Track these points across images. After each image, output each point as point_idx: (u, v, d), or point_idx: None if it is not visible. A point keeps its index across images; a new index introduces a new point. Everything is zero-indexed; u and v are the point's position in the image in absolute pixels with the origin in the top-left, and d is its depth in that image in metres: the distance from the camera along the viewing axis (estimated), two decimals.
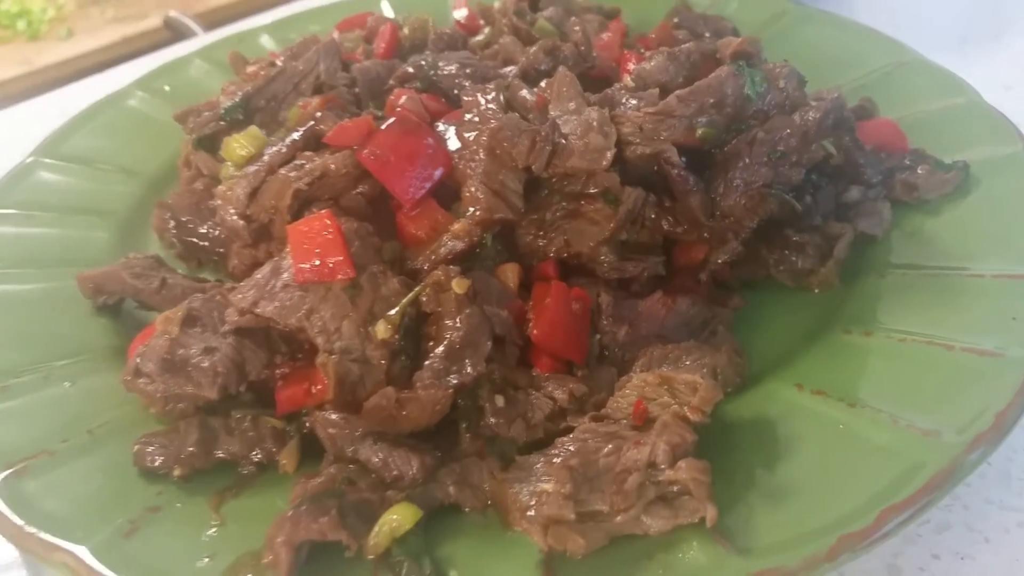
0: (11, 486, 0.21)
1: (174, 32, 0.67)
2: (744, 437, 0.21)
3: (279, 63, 0.33)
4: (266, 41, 0.40)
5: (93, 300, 0.27)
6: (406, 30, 0.35)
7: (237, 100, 0.30)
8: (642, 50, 0.31)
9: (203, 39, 0.57)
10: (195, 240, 0.27)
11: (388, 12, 0.44)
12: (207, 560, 0.19)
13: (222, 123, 0.30)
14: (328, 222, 0.23)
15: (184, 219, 0.27)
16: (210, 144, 0.31)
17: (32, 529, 0.20)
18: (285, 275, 0.22)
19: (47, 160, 0.33)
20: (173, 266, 0.30)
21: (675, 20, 0.35)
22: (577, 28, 0.33)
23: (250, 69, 0.33)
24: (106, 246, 0.30)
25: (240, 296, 0.22)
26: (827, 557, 0.18)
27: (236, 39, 0.41)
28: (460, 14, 0.37)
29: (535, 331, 0.23)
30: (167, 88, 0.38)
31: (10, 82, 0.93)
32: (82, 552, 0.19)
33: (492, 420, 0.21)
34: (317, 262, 0.22)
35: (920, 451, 0.20)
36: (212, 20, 0.86)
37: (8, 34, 0.95)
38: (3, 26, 0.95)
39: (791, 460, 0.21)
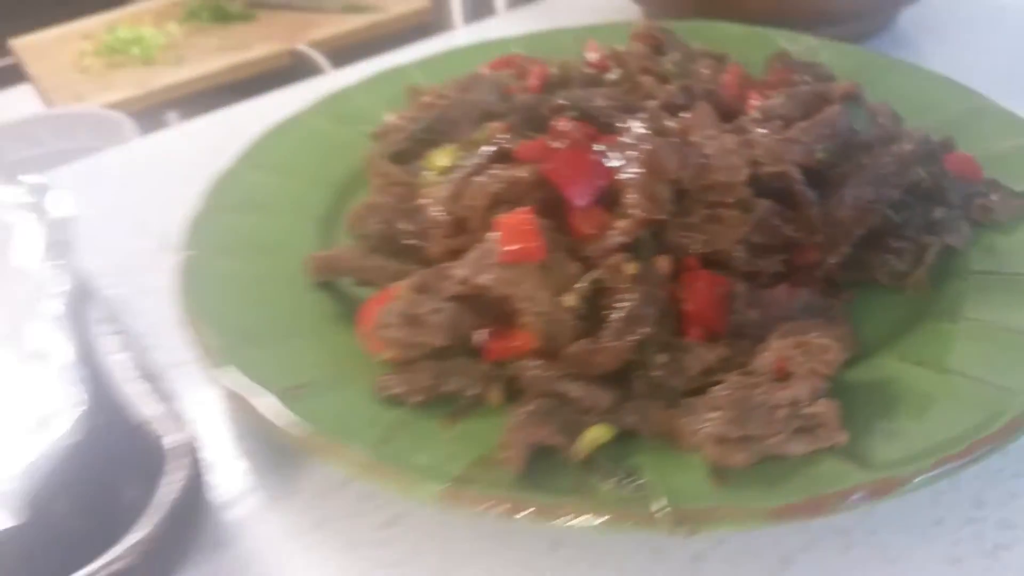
0: (287, 398, 0.27)
1: (301, 63, 0.75)
2: (860, 394, 0.27)
3: (449, 95, 0.40)
4: (416, 76, 0.47)
5: (316, 277, 0.33)
6: (554, 69, 0.41)
7: (423, 124, 0.37)
8: (761, 91, 0.37)
9: (333, 73, 0.64)
10: (396, 234, 0.34)
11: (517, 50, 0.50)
12: (449, 462, 0.25)
13: (410, 142, 0.37)
14: (529, 216, 0.29)
15: (388, 216, 0.34)
16: (399, 158, 0.37)
17: (311, 432, 0.26)
18: (493, 256, 0.29)
19: (251, 165, 0.40)
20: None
21: (778, 65, 0.41)
22: (705, 70, 0.39)
23: (424, 99, 0.40)
24: (309, 238, 0.37)
25: (460, 270, 0.29)
26: (929, 468, 0.24)
27: (393, 73, 0.48)
28: (592, 56, 0.44)
29: (689, 305, 0.29)
30: (338, 111, 0.45)
31: (129, 101, 1.03)
32: (357, 449, 0.25)
33: (658, 372, 0.27)
34: (519, 246, 0.29)
35: (1001, 403, 0.26)
36: (328, 52, 0.94)
37: (124, 59, 1.04)
38: (119, 51, 1.04)
39: (897, 407, 0.26)
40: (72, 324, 0.30)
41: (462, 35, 0.75)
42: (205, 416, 0.31)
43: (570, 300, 0.28)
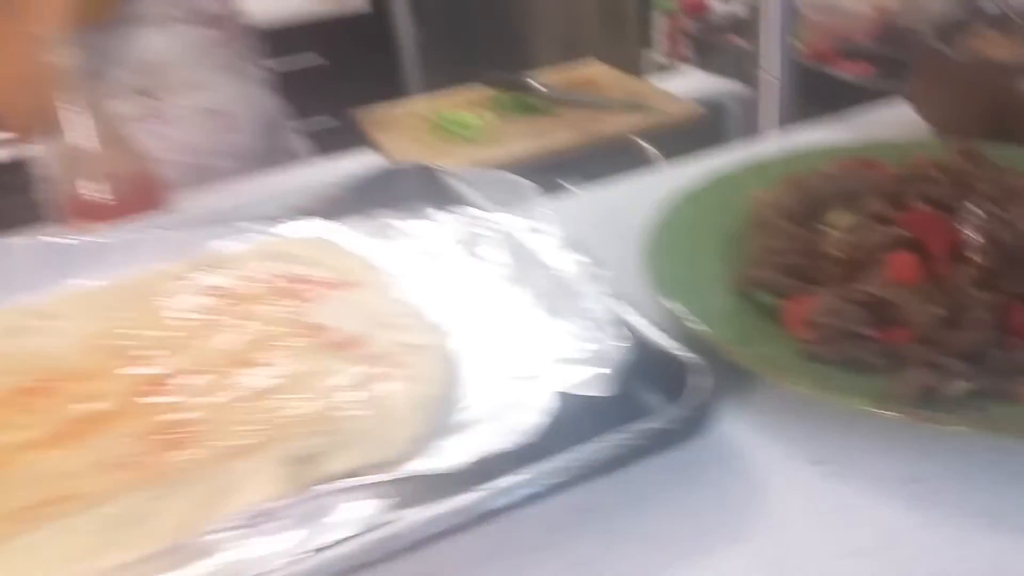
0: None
1: (631, 148, 0.96)
2: None
3: (832, 176, 0.58)
4: (781, 167, 0.65)
5: (742, 289, 0.52)
6: (895, 170, 0.59)
7: (810, 195, 0.56)
8: None
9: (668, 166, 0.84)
10: (792, 265, 0.52)
11: None
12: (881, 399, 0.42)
13: (801, 206, 0.56)
14: (912, 257, 0.46)
15: (787, 254, 0.52)
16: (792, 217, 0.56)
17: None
18: (886, 280, 0.46)
19: (678, 216, 0.60)
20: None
21: None
22: (1013, 178, 0.55)
23: (801, 179, 0.58)
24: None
25: (864, 286, 0.46)
26: None
27: (758, 167, 0.66)
28: (925, 162, 0.61)
29: (1014, 322, 0.45)
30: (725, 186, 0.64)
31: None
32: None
33: (997, 359, 0.43)
34: (906, 275, 0.46)
35: None
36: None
37: (449, 135, 1.29)
38: (446, 129, 1.29)
39: None
40: (599, 294, 0.50)
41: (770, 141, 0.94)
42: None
43: (938, 311, 0.45)
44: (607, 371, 0.42)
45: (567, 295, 0.51)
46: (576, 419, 0.40)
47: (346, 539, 0.36)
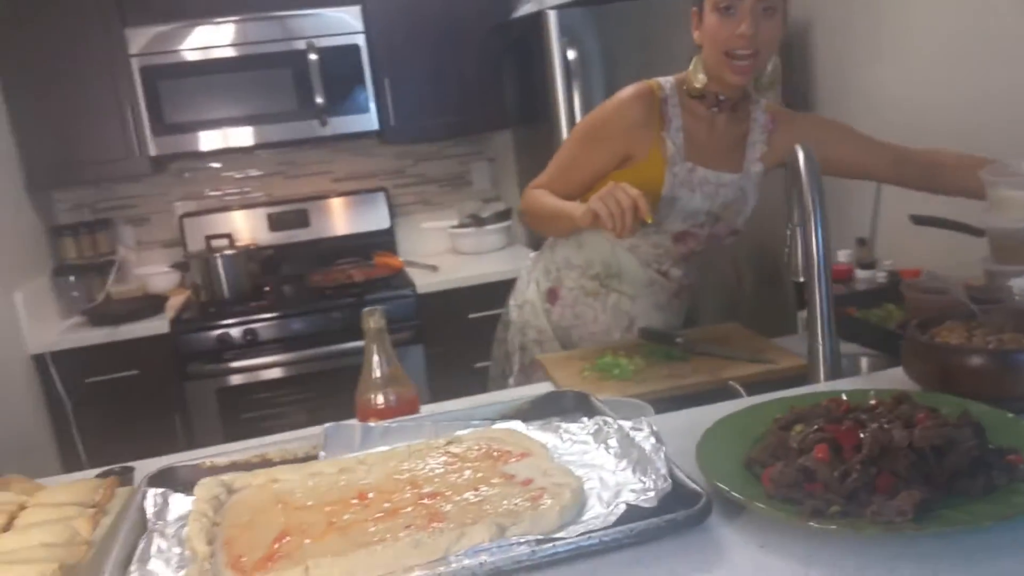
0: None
1: (725, 390, 1.39)
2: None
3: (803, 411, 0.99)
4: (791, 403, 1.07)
5: (749, 465, 0.93)
6: (850, 402, 0.99)
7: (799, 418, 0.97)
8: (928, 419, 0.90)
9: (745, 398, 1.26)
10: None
11: None
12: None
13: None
14: (825, 448, 0.87)
15: (768, 444, 0.93)
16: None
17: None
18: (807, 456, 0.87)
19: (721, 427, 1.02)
20: None
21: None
22: (915, 409, 0.94)
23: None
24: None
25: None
26: None
27: (797, 398, 1.08)
28: (872, 401, 1.00)
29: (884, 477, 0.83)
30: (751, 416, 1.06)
31: None
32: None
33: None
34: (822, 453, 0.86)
35: None
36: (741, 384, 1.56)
37: (606, 375, 1.73)
38: (605, 371, 1.73)
39: None
40: (663, 461, 0.92)
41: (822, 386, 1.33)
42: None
43: (833, 474, 0.84)
44: (654, 497, 0.85)
45: (646, 460, 0.94)
46: (637, 514, 0.83)
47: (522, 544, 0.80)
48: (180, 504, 1.00)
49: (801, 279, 1.36)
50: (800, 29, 3.13)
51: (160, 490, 1.01)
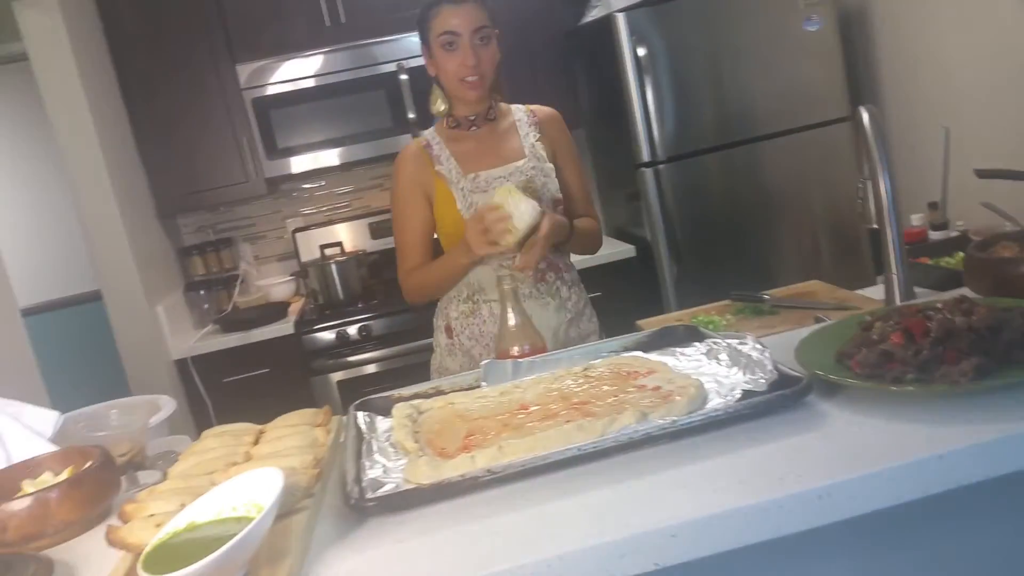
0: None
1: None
2: None
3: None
4: None
5: (839, 357, 1.15)
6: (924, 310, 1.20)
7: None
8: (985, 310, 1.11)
9: None
10: None
11: None
12: None
13: None
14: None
15: (855, 339, 1.15)
16: None
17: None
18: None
19: None
20: None
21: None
22: (980, 308, 1.15)
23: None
24: None
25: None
26: None
27: (875, 310, 1.30)
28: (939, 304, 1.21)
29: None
30: None
31: None
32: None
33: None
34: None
35: None
36: None
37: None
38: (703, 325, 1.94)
39: None
40: (767, 361, 1.15)
41: None
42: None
43: (909, 353, 1.06)
44: (765, 384, 1.08)
45: (753, 363, 1.18)
46: (749, 397, 1.06)
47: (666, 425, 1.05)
48: (383, 423, 1.28)
49: (874, 224, 1.57)
50: (859, 4, 3.29)
51: (366, 412, 1.29)
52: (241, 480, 0.90)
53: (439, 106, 1.87)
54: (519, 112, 1.97)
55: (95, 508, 1.07)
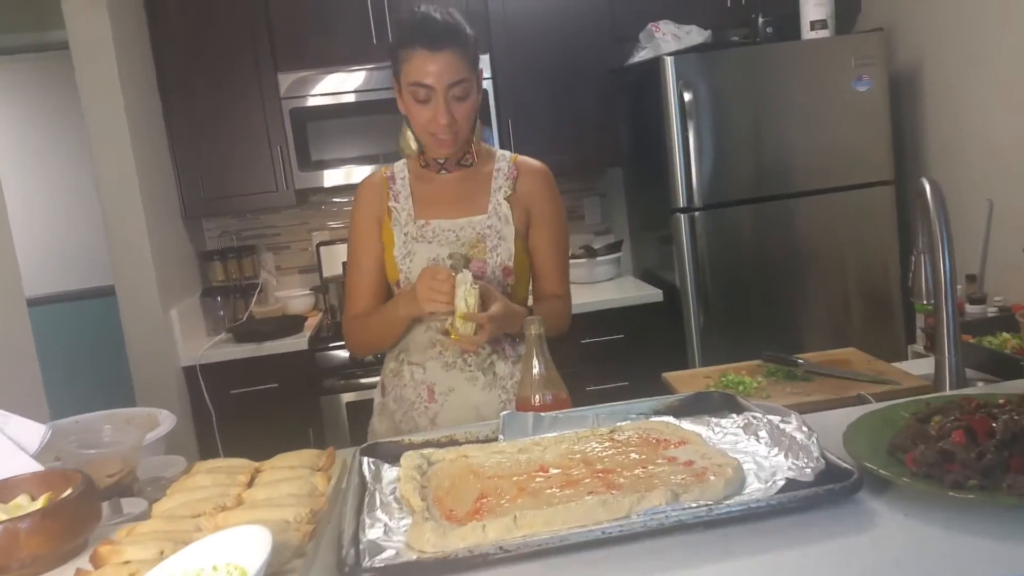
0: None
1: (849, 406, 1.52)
2: None
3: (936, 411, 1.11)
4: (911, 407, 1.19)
5: (892, 450, 1.06)
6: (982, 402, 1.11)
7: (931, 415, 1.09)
8: None
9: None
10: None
11: None
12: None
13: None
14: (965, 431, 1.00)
15: (910, 433, 1.05)
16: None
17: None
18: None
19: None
20: None
21: None
22: None
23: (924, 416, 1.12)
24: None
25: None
26: None
27: (930, 399, 1.21)
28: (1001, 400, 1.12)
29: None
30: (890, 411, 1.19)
31: None
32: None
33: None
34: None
35: None
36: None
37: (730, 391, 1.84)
38: (731, 387, 1.85)
39: None
40: (813, 446, 1.06)
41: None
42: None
43: (971, 455, 0.96)
44: (811, 473, 0.99)
45: (797, 447, 1.08)
46: (793, 487, 0.97)
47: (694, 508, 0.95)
48: (389, 472, 1.19)
49: (926, 302, 1.48)
50: (910, 70, 3.22)
51: (372, 459, 1.20)
52: (225, 536, 0.82)
53: (410, 146, 1.71)
54: (503, 161, 1.76)
55: (69, 542, 0.99)
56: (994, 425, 1.00)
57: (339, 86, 3.28)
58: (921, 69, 3.13)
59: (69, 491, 1.03)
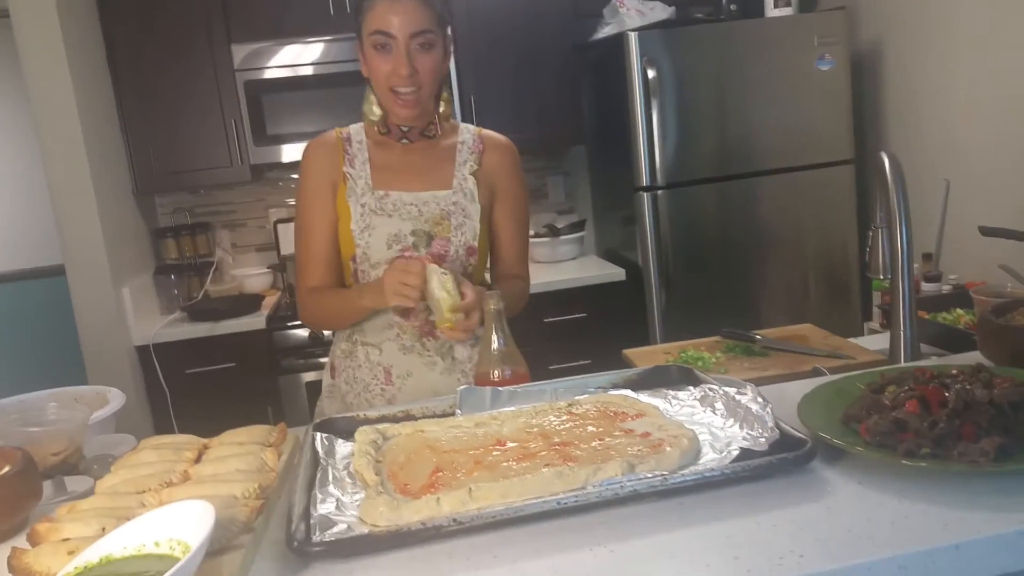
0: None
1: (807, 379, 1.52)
2: None
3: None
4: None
5: (846, 420, 1.06)
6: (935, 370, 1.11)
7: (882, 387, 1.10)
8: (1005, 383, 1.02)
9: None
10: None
11: None
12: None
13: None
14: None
15: (864, 403, 1.06)
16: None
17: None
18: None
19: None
20: None
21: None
22: (997, 380, 1.06)
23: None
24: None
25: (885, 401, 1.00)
26: None
27: (884, 370, 1.21)
28: (954, 369, 1.12)
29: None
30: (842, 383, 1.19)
31: None
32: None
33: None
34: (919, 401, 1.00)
35: None
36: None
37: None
38: (689, 363, 1.84)
39: None
40: (767, 416, 1.06)
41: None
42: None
43: (923, 424, 0.97)
44: (765, 443, 0.99)
45: (752, 417, 1.08)
46: (747, 457, 0.97)
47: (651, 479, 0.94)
48: (343, 447, 1.17)
49: (883, 276, 1.48)
50: (871, 49, 3.24)
51: (326, 434, 1.18)
52: (167, 511, 0.79)
53: (373, 111, 1.62)
54: (467, 134, 1.69)
55: (5, 522, 0.95)
56: (947, 395, 1.00)
57: (296, 58, 3.21)
58: (882, 48, 3.15)
59: (7, 469, 0.99)
